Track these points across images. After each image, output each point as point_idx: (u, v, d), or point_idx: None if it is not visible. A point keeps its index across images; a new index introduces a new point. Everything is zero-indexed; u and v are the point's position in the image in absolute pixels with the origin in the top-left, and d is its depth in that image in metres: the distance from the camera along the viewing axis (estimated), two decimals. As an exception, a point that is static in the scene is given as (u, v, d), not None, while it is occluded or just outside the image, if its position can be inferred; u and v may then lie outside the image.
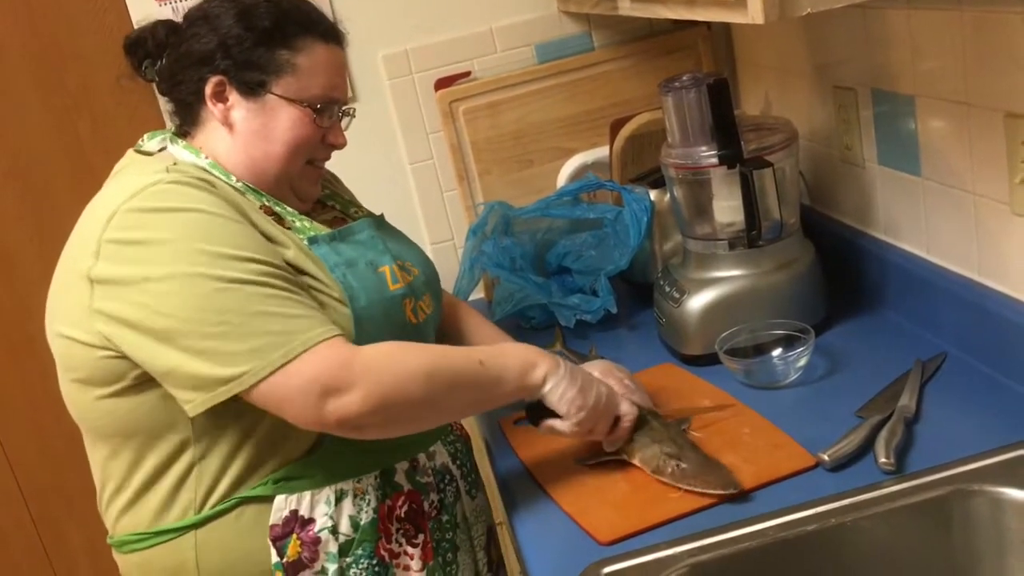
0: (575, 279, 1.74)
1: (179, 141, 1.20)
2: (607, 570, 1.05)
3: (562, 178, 1.88)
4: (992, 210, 1.22)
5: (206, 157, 1.17)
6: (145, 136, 1.23)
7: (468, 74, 1.92)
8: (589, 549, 1.10)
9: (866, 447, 1.15)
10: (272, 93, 1.15)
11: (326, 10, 1.82)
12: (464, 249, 1.80)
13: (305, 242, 1.14)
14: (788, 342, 1.39)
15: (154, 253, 1.03)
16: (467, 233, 1.80)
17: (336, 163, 1.30)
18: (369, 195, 1.44)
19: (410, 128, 1.93)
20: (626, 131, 1.76)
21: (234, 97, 1.16)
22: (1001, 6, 1.10)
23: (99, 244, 1.04)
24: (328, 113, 1.20)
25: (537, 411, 1.18)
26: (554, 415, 1.18)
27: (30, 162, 1.89)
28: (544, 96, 1.92)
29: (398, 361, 1.07)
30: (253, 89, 1.15)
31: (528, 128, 1.93)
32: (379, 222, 1.30)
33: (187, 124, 1.21)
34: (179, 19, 1.21)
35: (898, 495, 1.07)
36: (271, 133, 1.17)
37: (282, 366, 1.01)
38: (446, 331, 1.42)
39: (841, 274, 1.56)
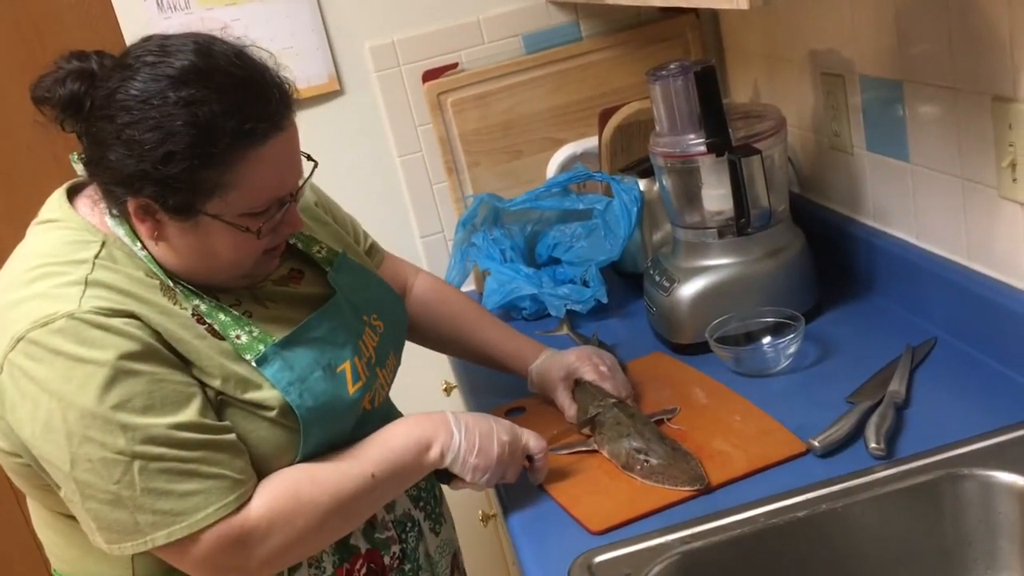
0: (566, 270, 1.74)
1: (115, 212, 1.04)
2: (599, 559, 1.05)
3: (551, 169, 1.87)
4: (980, 194, 1.22)
5: (142, 248, 1.04)
6: (75, 154, 1.07)
7: (456, 65, 1.91)
8: (581, 538, 1.10)
9: (856, 433, 1.15)
10: (204, 214, 0.99)
11: (312, 3, 1.83)
12: (454, 241, 1.80)
13: (252, 362, 1.04)
14: (778, 329, 1.39)
15: (50, 404, 0.95)
16: (457, 225, 1.80)
17: (324, 157, 1.26)
18: (358, 189, 1.44)
19: (398, 120, 1.92)
20: (615, 121, 1.76)
21: (163, 216, 1.00)
22: (986, -11, 1.10)
23: (4, 358, 0.97)
24: (277, 208, 1.04)
25: (445, 473, 1.16)
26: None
27: (17, 164, 1.88)
28: (532, 87, 1.91)
29: (289, 521, 1.02)
30: (181, 211, 0.99)
31: (517, 119, 1.92)
32: (338, 276, 1.18)
33: (115, 209, 1.03)
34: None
35: (889, 480, 1.07)
36: (210, 250, 1.03)
37: (166, 544, 0.97)
38: (452, 334, 1.42)
39: (831, 261, 1.56)
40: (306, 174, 1.09)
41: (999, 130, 1.14)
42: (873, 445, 1.11)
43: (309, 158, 1.09)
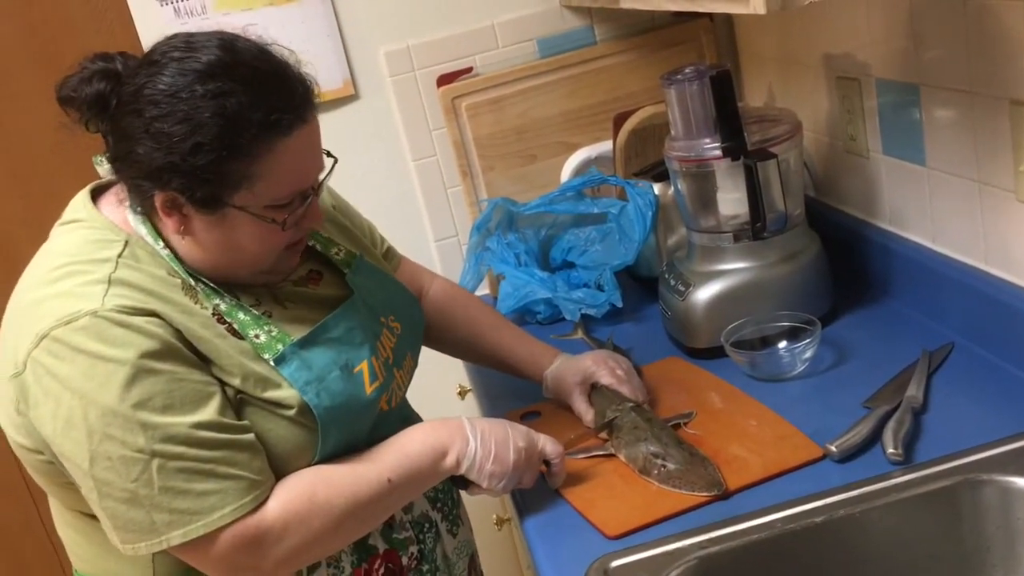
0: (580, 274, 1.74)
1: (139, 209, 1.05)
2: (615, 564, 1.05)
3: (566, 173, 1.87)
4: (998, 198, 1.22)
5: (165, 247, 1.05)
6: (98, 156, 1.09)
7: (470, 70, 1.92)
8: (597, 543, 1.10)
9: (874, 438, 1.15)
10: (231, 206, 1.01)
11: (327, 9, 1.84)
12: (468, 246, 1.80)
13: (270, 361, 1.05)
14: (794, 334, 1.38)
15: (72, 402, 0.96)
16: (471, 230, 1.80)
17: (340, 162, 1.28)
18: (372, 193, 1.44)
19: (413, 125, 1.93)
20: (629, 125, 1.76)
21: (189, 210, 1.01)
22: (1004, -7, 1.10)
23: (28, 355, 0.98)
24: (300, 201, 1.06)
25: (462, 479, 1.16)
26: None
27: (33, 164, 1.89)
28: (547, 91, 1.91)
29: (305, 522, 1.03)
30: (208, 204, 1.00)
31: (531, 123, 1.92)
32: (356, 277, 1.19)
33: (141, 206, 1.05)
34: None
35: (906, 486, 1.06)
36: (235, 243, 1.04)
37: (182, 544, 0.98)
38: (467, 338, 1.42)
39: (847, 265, 1.56)
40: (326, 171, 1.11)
41: (1016, 134, 1.14)
42: (891, 450, 1.11)
43: (329, 154, 1.10)
